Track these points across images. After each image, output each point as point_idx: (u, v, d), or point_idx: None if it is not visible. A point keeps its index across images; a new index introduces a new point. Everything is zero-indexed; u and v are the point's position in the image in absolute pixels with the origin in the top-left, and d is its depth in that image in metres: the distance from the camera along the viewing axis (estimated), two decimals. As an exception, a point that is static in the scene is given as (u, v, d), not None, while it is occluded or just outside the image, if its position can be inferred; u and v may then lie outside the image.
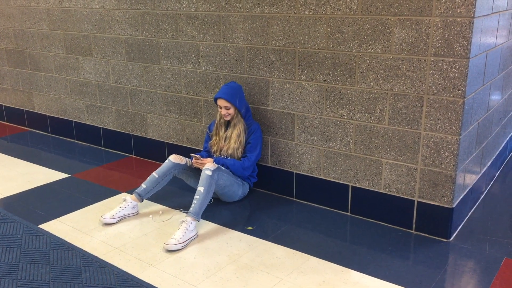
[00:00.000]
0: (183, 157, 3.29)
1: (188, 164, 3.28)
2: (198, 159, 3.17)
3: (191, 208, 2.90)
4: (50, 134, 4.99)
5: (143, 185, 3.17)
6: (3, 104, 5.40)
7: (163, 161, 3.29)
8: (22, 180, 3.77)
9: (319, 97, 3.10)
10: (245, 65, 3.39)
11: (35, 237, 2.85)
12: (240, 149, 3.27)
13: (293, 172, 3.36)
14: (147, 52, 3.92)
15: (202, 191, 2.93)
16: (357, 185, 3.10)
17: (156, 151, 4.13)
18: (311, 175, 3.28)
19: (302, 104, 3.19)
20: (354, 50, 2.90)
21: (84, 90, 4.50)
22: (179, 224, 2.85)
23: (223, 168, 3.14)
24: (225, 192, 3.23)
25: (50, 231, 2.92)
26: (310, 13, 3.00)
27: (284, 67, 3.20)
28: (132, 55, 4.03)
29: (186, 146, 3.91)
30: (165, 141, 4.05)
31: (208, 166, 3.02)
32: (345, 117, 3.03)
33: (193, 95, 3.76)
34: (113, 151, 4.46)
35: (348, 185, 3.14)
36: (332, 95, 3.05)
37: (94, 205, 3.31)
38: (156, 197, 3.32)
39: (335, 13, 2.91)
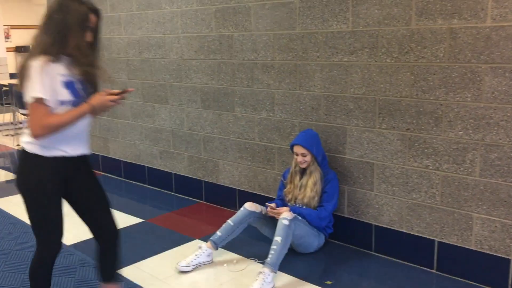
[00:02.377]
0: (258, 205, 3.24)
1: (263, 213, 3.22)
2: (274, 208, 3.11)
3: (268, 259, 2.81)
4: (123, 179, 5.14)
5: (218, 233, 3.14)
6: (80, 148, 5.65)
7: (234, 208, 3.26)
8: (98, 223, 3.85)
9: (402, 146, 2.99)
10: (322, 113, 3.36)
11: (113, 282, 2.86)
12: (316, 198, 3.18)
13: (372, 224, 3.21)
14: (222, 100, 4.00)
15: (279, 241, 2.85)
16: (444, 241, 2.90)
17: (227, 197, 4.12)
18: (392, 228, 3.11)
19: (382, 153, 3.09)
20: (440, 98, 2.79)
21: (159, 136, 4.63)
22: (256, 275, 2.76)
23: (300, 218, 3.06)
24: (301, 242, 3.13)
25: (128, 277, 2.93)
26: (392, 61, 2.95)
27: (363, 115, 3.14)
28: (207, 103, 4.12)
29: (258, 193, 3.87)
30: (237, 187, 4.04)
31: (285, 216, 2.95)
32: (431, 167, 2.89)
33: (266, 142, 3.75)
34: (184, 196, 4.50)
35: (433, 240, 2.94)
36: (416, 144, 2.93)
37: (169, 252, 3.30)
38: (230, 246, 3.26)
39: (420, 61, 2.83)
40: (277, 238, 2.87)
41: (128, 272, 3.01)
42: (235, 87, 3.87)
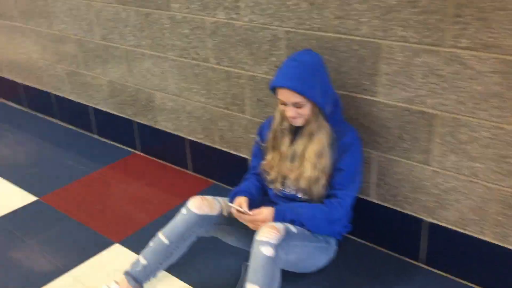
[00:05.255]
0: (214, 200, 1.75)
1: (225, 214, 1.75)
2: (243, 213, 1.63)
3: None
4: (26, 109, 3.52)
5: (142, 260, 1.68)
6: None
7: (184, 166, 1.91)
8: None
9: (500, 85, 1.45)
10: (329, 14, 1.73)
11: None
12: (322, 181, 1.68)
13: (423, 219, 1.79)
14: (147, -12, 2.27)
15: (255, 291, 1.43)
16: None
17: (172, 149, 2.61)
18: (461, 231, 1.70)
19: (455, 96, 1.55)
20: None
21: (61, 49, 2.94)
22: None
23: (294, 231, 1.59)
24: (299, 266, 1.72)
25: None
26: None
27: (419, 19, 1.53)
28: (123, -7, 2.39)
29: (219, 148, 2.37)
30: (186, 136, 2.51)
31: (266, 235, 1.49)
32: None
33: (228, 66, 2.14)
34: (111, 142, 2.96)
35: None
36: (540, 84, 1.38)
37: (63, 277, 1.87)
38: (171, 267, 1.83)
39: None
40: (250, 286, 1.44)
41: None
42: (167, -37, 2.13)
